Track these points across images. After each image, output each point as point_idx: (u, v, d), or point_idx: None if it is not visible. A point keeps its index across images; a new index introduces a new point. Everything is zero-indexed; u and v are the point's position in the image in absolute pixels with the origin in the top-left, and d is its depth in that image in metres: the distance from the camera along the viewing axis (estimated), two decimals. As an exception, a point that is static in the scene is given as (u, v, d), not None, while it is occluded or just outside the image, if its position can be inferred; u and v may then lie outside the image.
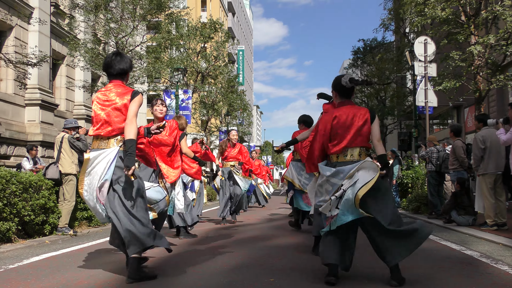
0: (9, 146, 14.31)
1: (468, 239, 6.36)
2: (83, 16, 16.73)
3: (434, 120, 28.56)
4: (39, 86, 15.60)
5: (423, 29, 18.23)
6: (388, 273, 3.60)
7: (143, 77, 17.53)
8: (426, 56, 13.36)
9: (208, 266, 4.41)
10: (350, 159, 3.68)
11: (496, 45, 14.84)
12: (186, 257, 4.96)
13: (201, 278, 3.83)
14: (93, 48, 16.43)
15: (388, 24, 26.77)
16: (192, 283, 3.64)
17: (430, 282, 3.66)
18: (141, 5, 16.66)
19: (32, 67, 12.19)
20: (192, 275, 3.96)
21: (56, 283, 3.68)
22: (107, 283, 3.67)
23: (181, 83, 25.17)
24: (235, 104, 29.13)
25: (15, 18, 14.86)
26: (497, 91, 19.54)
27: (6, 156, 14.20)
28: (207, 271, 4.15)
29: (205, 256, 4.96)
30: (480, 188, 7.36)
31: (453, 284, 3.63)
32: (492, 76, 15.49)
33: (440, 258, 4.80)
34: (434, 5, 15.64)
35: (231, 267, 4.33)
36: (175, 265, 4.45)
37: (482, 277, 3.87)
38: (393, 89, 30.56)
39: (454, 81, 15.69)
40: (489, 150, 7.12)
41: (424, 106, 13.55)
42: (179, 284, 3.63)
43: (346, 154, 3.69)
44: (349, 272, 3.79)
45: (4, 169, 5.94)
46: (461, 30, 15.67)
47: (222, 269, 4.22)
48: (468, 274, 3.97)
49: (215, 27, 25.59)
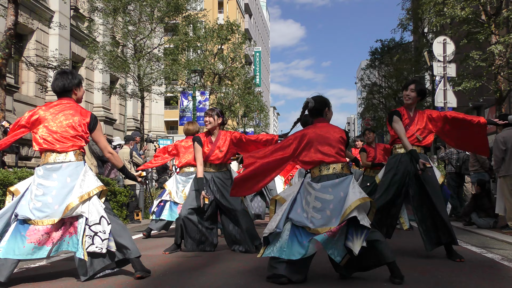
0: (30, 148, 14.56)
1: (489, 242, 6.25)
2: (102, 19, 16.95)
3: (454, 121, 28.12)
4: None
5: (442, 29, 18.04)
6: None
7: (161, 79, 17.67)
8: (445, 56, 13.19)
9: (219, 267, 4.42)
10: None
11: (517, 45, 14.56)
12: (197, 259, 4.98)
13: (219, 279, 3.84)
14: (112, 51, 16.63)
15: (406, 24, 26.54)
16: (210, 283, 3.66)
17: (450, 286, 3.60)
18: (158, 7, 16.82)
19: (52, 70, 12.39)
20: (210, 275, 3.98)
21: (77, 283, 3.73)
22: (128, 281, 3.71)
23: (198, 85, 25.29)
24: (252, 106, 29.21)
25: (36, 22, 15.13)
26: (518, 91, 19.16)
27: (28, 157, 14.47)
28: (226, 271, 4.16)
29: (215, 258, 4.97)
30: (501, 190, 7.23)
31: (473, 287, 3.56)
32: (513, 76, 15.21)
33: (460, 261, 4.72)
34: (453, 5, 15.42)
35: (248, 268, 4.33)
36: (188, 267, 4.48)
37: (503, 281, 3.79)
38: (412, 90, 30.25)
39: (474, 81, 15.45)
40: (511, 151, 6.99)
41: (443, 107, 13.38)
42: (198, 283, 3.65)
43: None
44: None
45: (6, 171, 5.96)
46: (481, 29, 15.43)
47: (239, 270, 4.22)
48: (489, 278, 3.90)
49: (232, 28, 25.67)
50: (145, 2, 16.57)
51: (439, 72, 13.35)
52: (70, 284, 3.71)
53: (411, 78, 29.68)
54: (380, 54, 31.91)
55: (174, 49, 18.84)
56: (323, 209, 3.54)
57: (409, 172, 4.73)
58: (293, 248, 3.53)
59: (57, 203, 3.63)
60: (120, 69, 16.53)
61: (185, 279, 3.89)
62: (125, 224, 8.53)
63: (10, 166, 10.40)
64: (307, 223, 3.56)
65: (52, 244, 3.66)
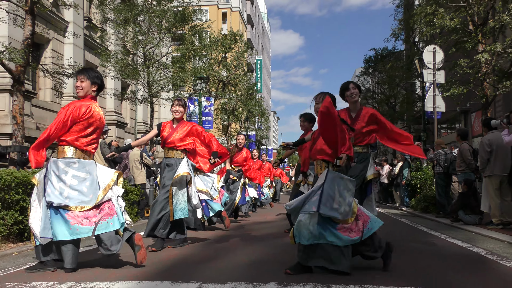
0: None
1: (474, 237, 6.28)
2: (113, 29, 17.02)
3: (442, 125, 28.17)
4: (74, 95, 15.91)
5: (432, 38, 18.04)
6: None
7: (169, 85, 17.72)
8: (434, 63, 13.24)
9: (228, 261, 4.45)
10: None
11: (503, 53, 14.60)
12: (207, 252, 5.02)
13: (222, 272, 3.88)
14: (123, 59, 16.69)
15: (398, 34, 26.50)
16: (214, 276, 3.70)
17: (439, 277, 3.64)
18: (166, 18, 16.87)
19: (67, 77, 12.44)
20: (214, 269, 4.02)
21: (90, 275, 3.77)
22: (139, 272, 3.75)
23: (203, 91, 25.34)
24: (253, 110, 29.23)
25: (52, 31, 15.21)
26: (503, 96, 19.22)
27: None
28: (229, 265, 4.20)
29: (225, 252, 5.01)
30: (487, 189, 7.27)
31: (460, 279, 3.60)
32: (498, 82, 15.25)
33: (448, 255, 4.75)
34: (443, 15, 15.47)
35: (249, 262, 4.37)
36: (199, 260, 4.51)
37: (488, 273, 3.83)
38: (403, 95, 30.26)
39: (462, 87, 15.49)
40: (495, 153, 7.03)
41: (432, 111, 13.43)
42: (204, 275, 3.68)
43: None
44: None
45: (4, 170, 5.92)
46: (469, 38, 15.47)
47: (242, 264, 4.26)
48: (475, 270, 3.94)
49: (235, 38, 25.72)
50: (154, 13, 16.63)
51: (429, 78, 13.39)
52: (100, 269, 3.77)
53: (403, 84, 29.77)
54: (373, 62, 31.88)
55: (181, 57, 18.88)
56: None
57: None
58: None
59: (91, 192, 3.89)
60: (130, 76, 16.59)
61: (192, 271, 3.94)
62: (135, 220, 8.60)
63: (29, 167, 10.48)
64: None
65: (94, 224, 3.83)
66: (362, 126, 4.79)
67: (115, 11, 16.17)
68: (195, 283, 3.39)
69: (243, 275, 3.71)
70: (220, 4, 49.38)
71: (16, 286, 3.40)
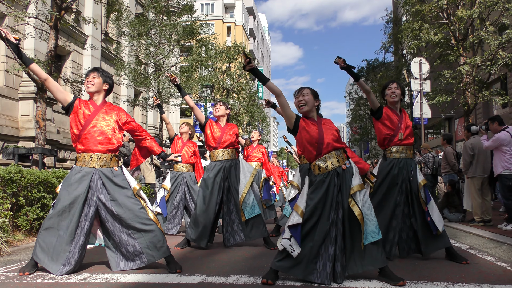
0: (66, 151, 14.65)
1: (458, 233, 6.26)
2: (127, 42, 17.07)
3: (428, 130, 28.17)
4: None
5: (418, 51, 18.08)
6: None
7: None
8: (421, 74, 13.23)
9: (231, 255, 4.45)
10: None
11: (481, 65, 14.65)
12: (211, 247, 5.01)
13: (225, 266, 3.87)
14: (136, 69, 16.73)
15: (388, 47, 26.54)
16: (218, 269, 3.69)
17: (424, 270, 3.62)
18: (176, 32, 16.92)
19: (85, 85, 12.46)
20: (217, 263, 4.01)
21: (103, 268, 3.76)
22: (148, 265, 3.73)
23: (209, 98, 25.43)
24: (255, 116, 29.21)
25: (73, 44, 15.26)
26: (483, 104, 19.23)
27: (64, 159, 14.54)
28: (231, 259, 4.19)
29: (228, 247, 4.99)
30: (469, 189, 7.24)
31: (444, 272, 3.58)
32: (478, 92, 15.28)
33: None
34: (428, 31, 15.54)
35: (251, 256, 4.36)
36: (203, 254, 4.51)
37: (470, 266, 3.81)
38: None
39: (446, 96, 15.51)
40: (477, 156, 7.01)
41: (419, 117, 13.40)
42: (208, 269, 3.67)
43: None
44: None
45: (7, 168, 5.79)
46: (451, 52, 15.52)
47: (244, 257, 4.25)
48: (458, 264, 3.91)
49: (239, 50, 25.75)
50: (164, 27, 16.68)
51: (416, 87, 13.38)
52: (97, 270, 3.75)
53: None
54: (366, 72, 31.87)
55: (189, 67, 18.93)
56: None
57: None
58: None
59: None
60: (142, 84, 16.63)
61: (197, 265, 3.92)
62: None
63: (50, 167, 10.48)
64: None
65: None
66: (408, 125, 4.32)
67: (129, 26, 16.23)
68: (200, 276, 3.38)
69: (245, 268, 3.69)
70: (225, 19, 49.46)
71: (37, 276, 3.39)
